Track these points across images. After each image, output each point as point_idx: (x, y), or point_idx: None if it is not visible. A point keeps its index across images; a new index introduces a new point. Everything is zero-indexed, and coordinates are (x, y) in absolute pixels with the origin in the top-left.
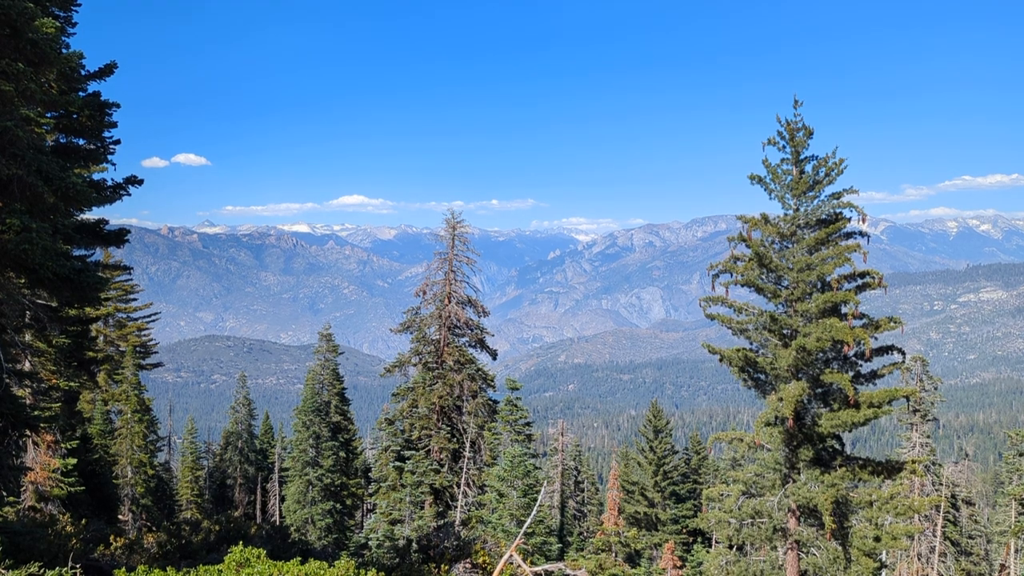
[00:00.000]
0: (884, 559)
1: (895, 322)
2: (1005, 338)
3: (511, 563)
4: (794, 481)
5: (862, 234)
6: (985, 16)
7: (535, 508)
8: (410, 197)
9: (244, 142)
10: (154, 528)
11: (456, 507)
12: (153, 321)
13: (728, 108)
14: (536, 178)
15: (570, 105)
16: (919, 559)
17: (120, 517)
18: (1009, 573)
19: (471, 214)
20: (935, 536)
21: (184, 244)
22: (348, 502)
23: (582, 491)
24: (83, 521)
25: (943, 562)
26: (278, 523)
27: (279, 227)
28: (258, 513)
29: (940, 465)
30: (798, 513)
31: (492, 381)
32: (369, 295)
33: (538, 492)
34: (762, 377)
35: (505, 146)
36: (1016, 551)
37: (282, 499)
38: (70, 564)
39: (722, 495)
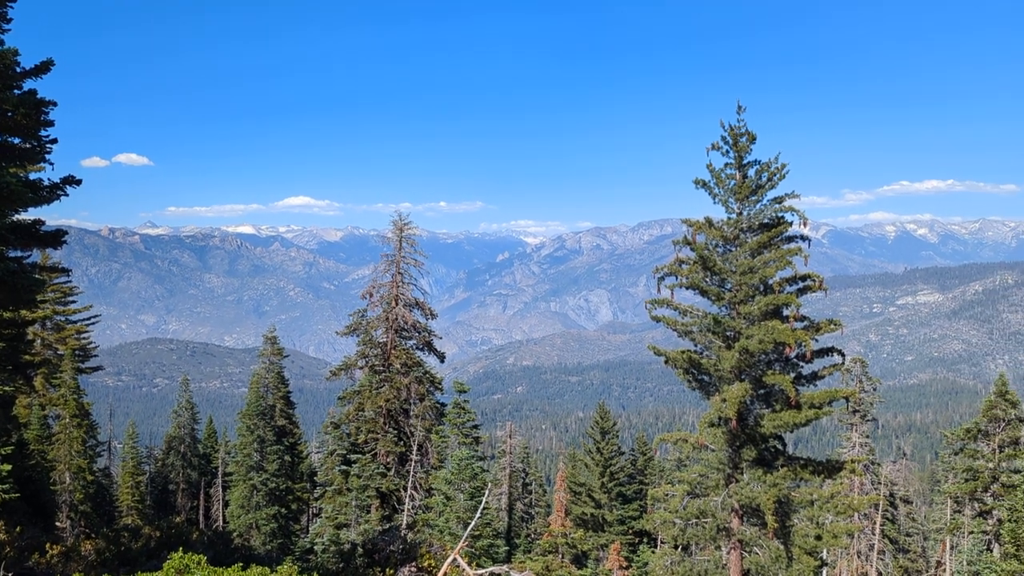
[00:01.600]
0: (825, 557)
1: (835, 324)
2: (941, 340)
3: (456, 566)
4: (737, 481)
5: (803, 238)
6: (918, 32)
7: (479, 511)
8: (357, 198)
9: (188, 142)
10: (93, 535)
11: (403, 511)
12: (93, 324)
13: (675, 115)
14: (485, 180)
15: (518, 111)
16: (859, 557)
17: (58, 524)
18: (945, 569)
19: (419, 216)
20: (874, 534)
21: (125, 245)
22: (293, 507)
23: (530, 493)
24: (18, 529)
25: (882, 559)
26: (221, 529)
27: (223, 228)
28: (201, 519)
29: (879, 464)
30: (741, 513)
31: (440, 384)
32: (315, 297)
33: (485, 495)
34: (706, 379)
35: (453, 148)
36: (951, 548)
37: (225, 504)
38: (3, 572)
39: (667, 495)
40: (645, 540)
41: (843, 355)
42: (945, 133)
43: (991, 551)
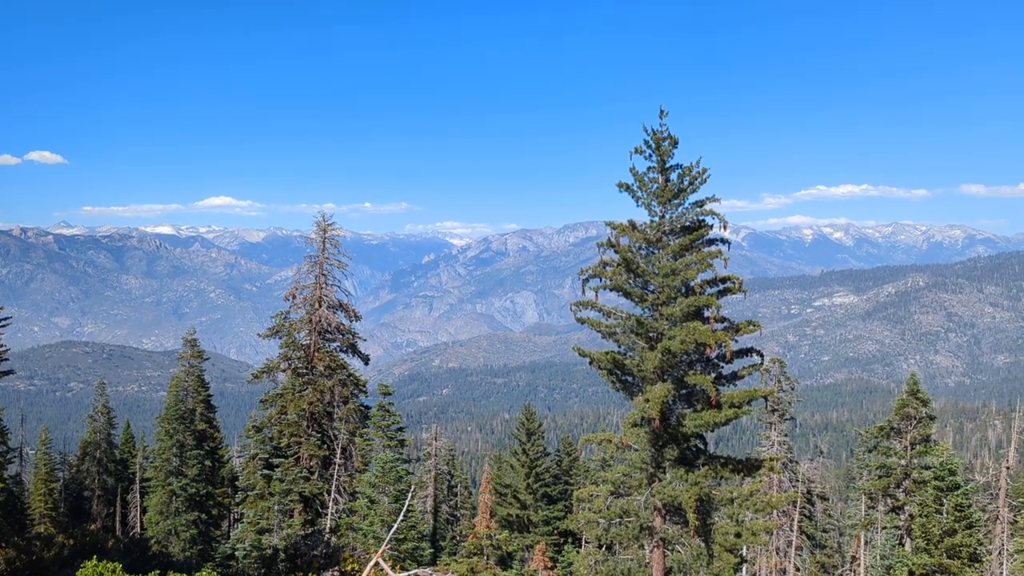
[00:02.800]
0: (744, 554)
1: (754, 325)
2: (856, 340)
3: (379, 570)
4: (660, 480)
5: (724, 241)
6: (832, 40)
7: (402, 513)
8: (280, 199)
9: (103, 140)
10: (2, 544)
11: (326, 514)
12: (3, 326)
13: (600, 119)
14: (410, 181)
15: (443, 111)
16: (777, 553)
17: None
18: (859, 564)
19: (343, 217)
20: (792, 531)
21: (38, 246)
22: (214, 512)
23: (455, 495)
24: None
25: (799, 555)
26: (139, 536)
27: (141, 228)
28: (118, 526)
29: (797, 462)
30: (664, 511)
31: (364, 386)
32: (237, 299)
33: (411, 497)
34: (630, 379)
35: (378, 149)
36: (866, 543)
37: (143, 510)
38: None
39: (592, 495)
40: (570, 540)
41: (762, 355)
42: (860, 139)
43: (903, 545)
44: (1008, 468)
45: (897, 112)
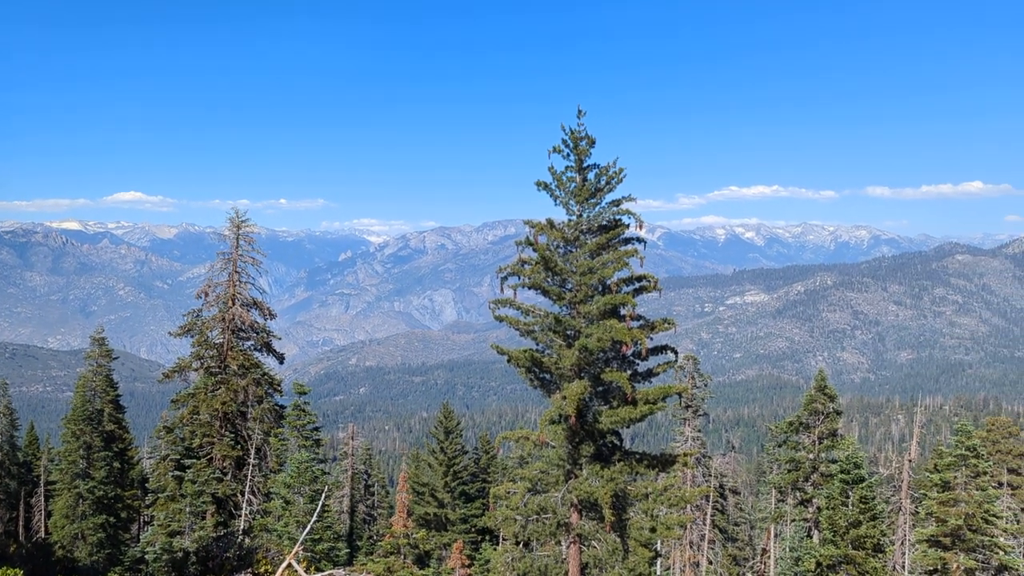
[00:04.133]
0: (659, 548)
1: (669, 323)
2: (767, 338)
3: (293, 571)
4: (576, 477)
5: (640, 240)
6: (744, 46)
7: (315, 514)
8: (192, 194)
9: (4, 132)
10: None
11: (240, 516)
12: None
13: (518, 118)
14: (327, 177)
15: (360, 107)
16: (691, 547)
17: None
18: (769, 556)
19: (258, 213)
20: (705, 524)
21: None
22: (123, 515)
23: (372, 495)
24: None
25: (712, 548)
26: (43, 541)
27: (47, 224)
28: (21, 531)
29: (710, 457)
30: (580, 507)
31: (279, 386)
32: (147, 297)
33: (327, 497)
34: (547, 377)
35: (293, 144)
36: (775, 536)
37: (48, 515)
38: None
39: (509, 493)
40: (488, 538)
41: (676, 353)
42: (770, 141)
43: (811, 537)
44: (910, 461)
45: (805, 114)
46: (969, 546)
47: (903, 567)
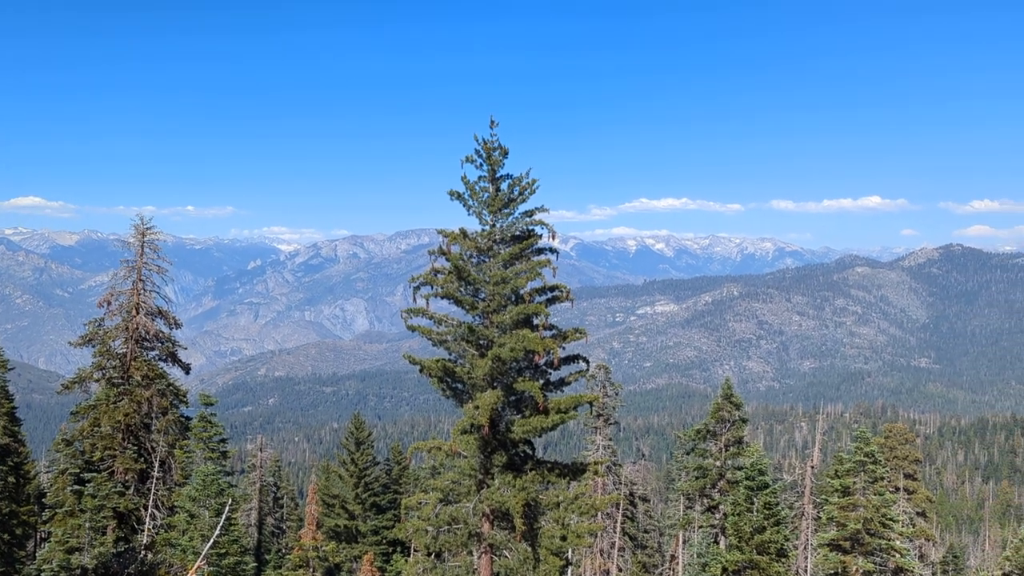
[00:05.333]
0: (570, 557)
1: (581, 333)
2: (676, 347)
3: None
4: (489, 486)
5: (552, 250)
6: (651, 65)
7: (219, 527)
8: (95, 200)
9: None
10: None
11: (143, 530)
12: None
13: (432, 128)
14: (236, 184)
15: (266, 113)
16: (601, 554)
17: None
18: (678, 562)
19: (164, 220)
20: (615, 532)
21: None
22: (18, 532)
23: (281, 507)
24: None
25: (622, 556)
26: None
27: None
28: None
29: (620, 465)
30: (492, 517)
31: (185, 397)
32: (47, 305)
33: (233, 510)
34: (460, 386)
35: (201, 150)
36: (684, 542)
37: None
38: None
39: (420, 503)
40: (399, 549)
41: (588, 362)
42: (679, 155)
43: (718, 543)
44: (812, 467)
45: (713, 130)
46: (868, 549)
47: (806, 571)
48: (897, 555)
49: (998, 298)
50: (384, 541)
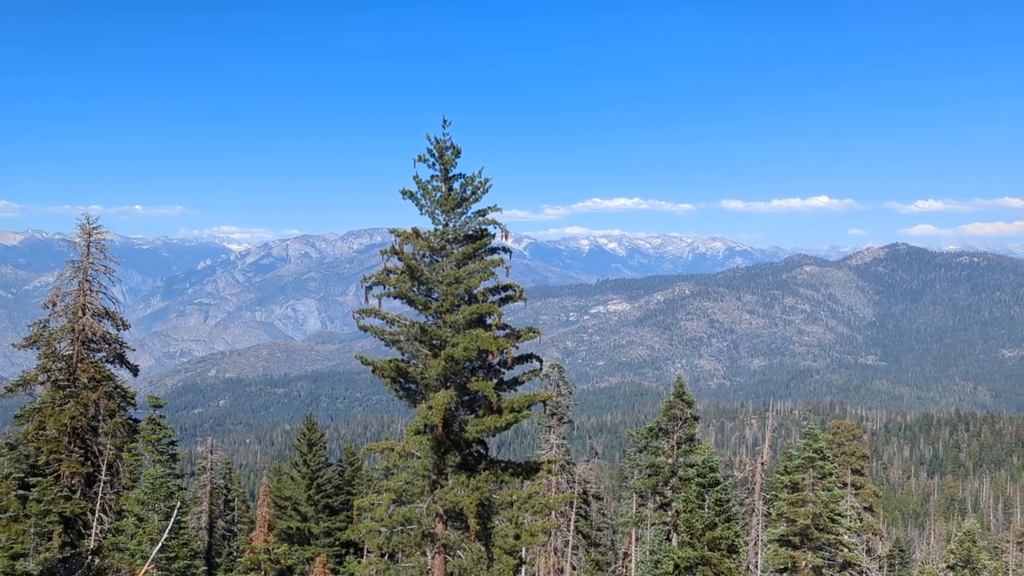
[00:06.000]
0: (524, 555)
1: (534, 332)
2: (629, 346)
3: None
4: (442, 487)
5: (506, 250)
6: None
7: (167, 531)
8: (39, 199)
9: None
10: None
11: (90, 535)
12: None
13: (384, 128)
14: (185, 183)
15: (217, 113)
16: (555, 553)
17: None
18: (631, 560)
19: (111, 220)
20: (569, 530)
21: None
22: None
23: (233, 510)
24: None
25: (575, 554)
26: None
27: None
28: None
29: (574, 464)
30: (445, 517)
31: (133, 399)
32: None
33: (183, 513)
34: (413, 387)
35: (149, 148)
36: (636, 539)
37: None
38: None
39: (373, 504)
40: (352, 551)
41: (541, 361)
42: (631, 156)
43: (670, 540)
44: (763, 464)
45: (664, 132)
46: (816, 544)
47: (756, 566)
48: (845, 550)
49: (942, 296)
50: (337, 543)
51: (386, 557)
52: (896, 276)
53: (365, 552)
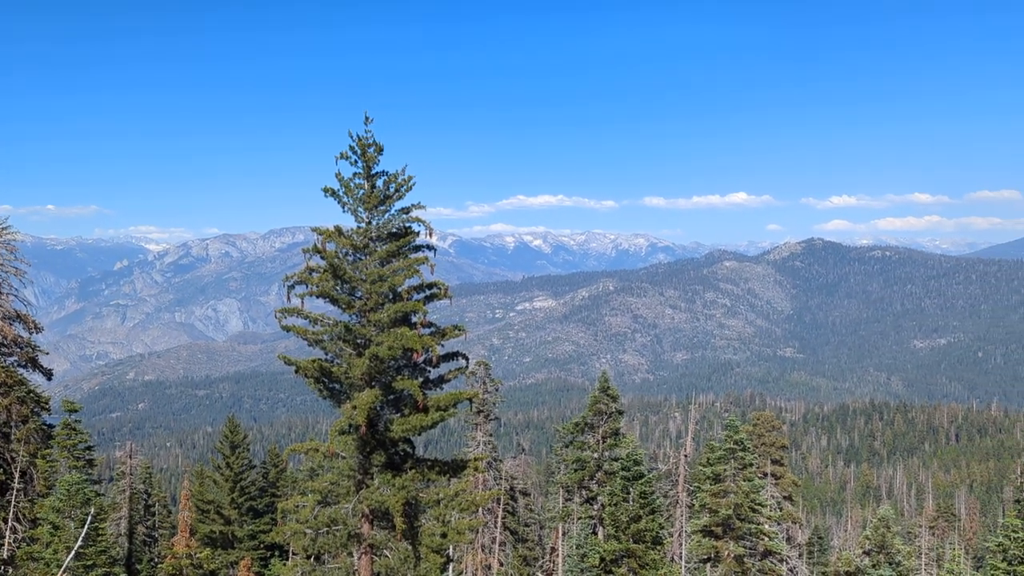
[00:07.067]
0: (451, 553)
1: (460, 330)
2: (555, 342)
3: None
4: (368, 486)
5: (430, 247)
6: (523, 69)
7: (81, 538)
8: None
9: None
10: None
11: (3, 545)
12: None
13: (305, 126)
14: (100, 182)
15: (134, 113)
16: (483, 550)
17: None
18: (558, 554)
19: (22, 220)
20: (496, 527)
21: None
22: None
23: (153, 515)
24: None
25: (503, 550)
26: None
27: None
28: None
29: (501, 461)
30: (372, 517)
31: (47, 404)
32: None
33: (101, 520)
34: (337, 387)
35: (61, 148)
36: (563, 534)
37: None
38: None
39: (298, 506)
40: (277, 553)
41: (467, 359)
42: (555, 154)
43: (596, 534)
44: (686, 456)
45: (586, 130)
46: (738, 534)
47: (680, 557)
48: (766, 538)
49: (856, 289)
50: (262, 545)
51: (312, 559)
52: (812, 270)
53: (290, 554)
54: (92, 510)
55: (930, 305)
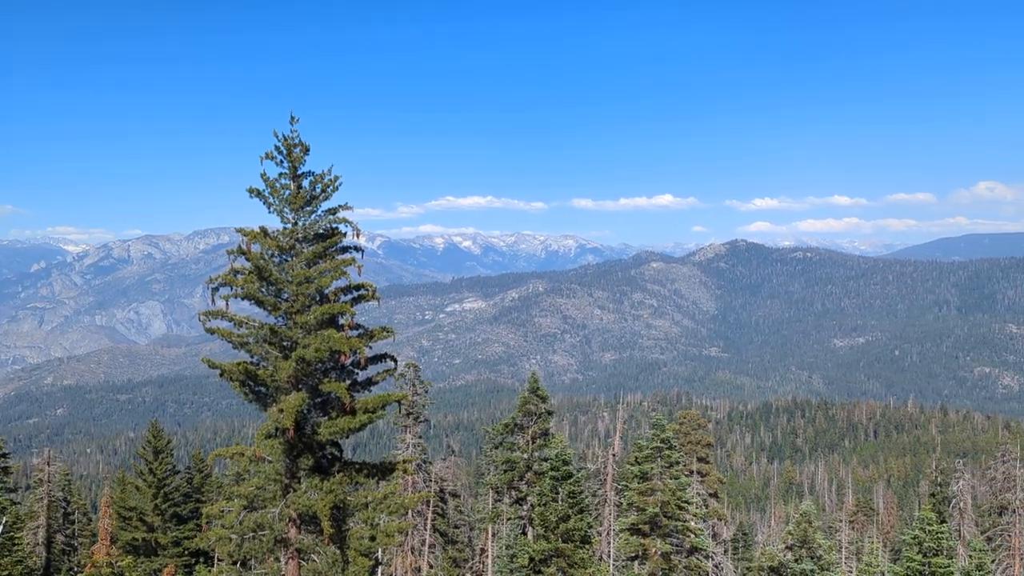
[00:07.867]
0: (380, 556)
1: (388, 332)
2: (485, 343)
3: None
4: (295, 490)
5: (358, 248)
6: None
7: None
8: None
9: None
10: None
11: None
12: None
13: (229, 127)
14: (15, 182)
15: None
16: (412, 552)
17: None
18: (487, 555)
19: None
20: (426, 529)
21: None
22: None
23: (73, 523)
24: None
25: (433, 553)
26: None
27: None
28: None
29: (431, 463)
30: (299, 522)
31: None
32: None
33: (18, 529)
34: (263, 390)
35: None
36: (493, 535)
37: None
38: None
39: (224, 511)
40: (202, 559)
41: (396, 361)
42: (485, 156)
43: (526, 534)
44: (614, 455)
45: (513, 135)
46: (665, 531)
47: (609, 555)
48: (692, 535)
49: (778, 290)
50: (186, 552)
51: (238, 564)
52: (736, 271)
53: (216, 560)
54: (7, 519)
55: (849, 305)
